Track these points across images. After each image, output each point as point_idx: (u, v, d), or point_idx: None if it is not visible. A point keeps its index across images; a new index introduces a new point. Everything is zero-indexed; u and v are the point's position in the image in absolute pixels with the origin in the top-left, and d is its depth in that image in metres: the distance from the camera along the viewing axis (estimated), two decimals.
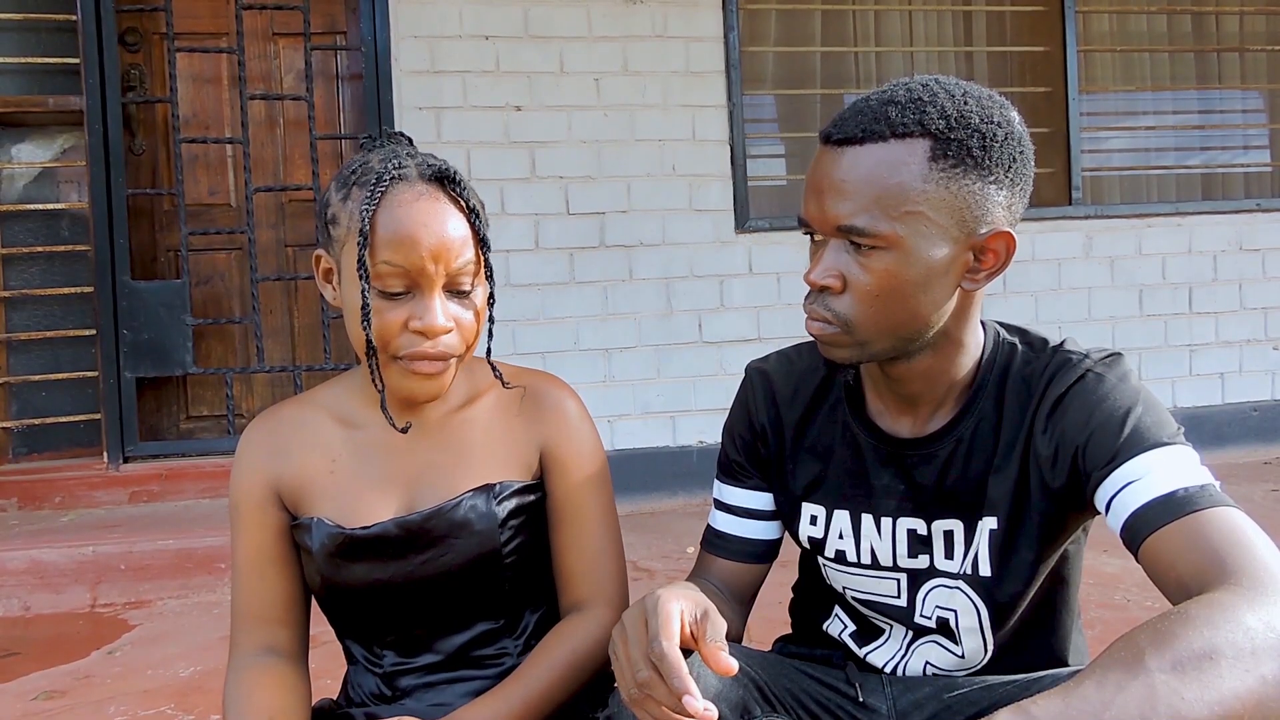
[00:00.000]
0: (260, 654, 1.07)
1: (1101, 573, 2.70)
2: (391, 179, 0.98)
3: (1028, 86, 4.23)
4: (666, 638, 0.80)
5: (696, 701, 0.77)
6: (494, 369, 1.12)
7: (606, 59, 3.76)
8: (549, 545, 1.13)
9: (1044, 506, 0.98)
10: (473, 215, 1.01)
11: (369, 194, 0.96)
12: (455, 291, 1.00)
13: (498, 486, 1.07)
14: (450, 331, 0.99)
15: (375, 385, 1.01)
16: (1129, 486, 0.87)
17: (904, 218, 0.90)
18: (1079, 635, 1.11)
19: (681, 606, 0.83)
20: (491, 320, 1.09)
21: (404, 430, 1.05)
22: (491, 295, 1.08)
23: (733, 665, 0.79)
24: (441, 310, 0.98)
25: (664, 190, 3.81)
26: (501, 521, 1.06)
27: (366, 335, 0.97)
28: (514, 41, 3.68)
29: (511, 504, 1.08)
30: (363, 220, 0.96)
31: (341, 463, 1.09)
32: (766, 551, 1.17)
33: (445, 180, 1.00)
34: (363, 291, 0.96)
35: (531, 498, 1.10)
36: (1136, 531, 0.85)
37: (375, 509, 1.07)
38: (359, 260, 0.96)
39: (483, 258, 1.02)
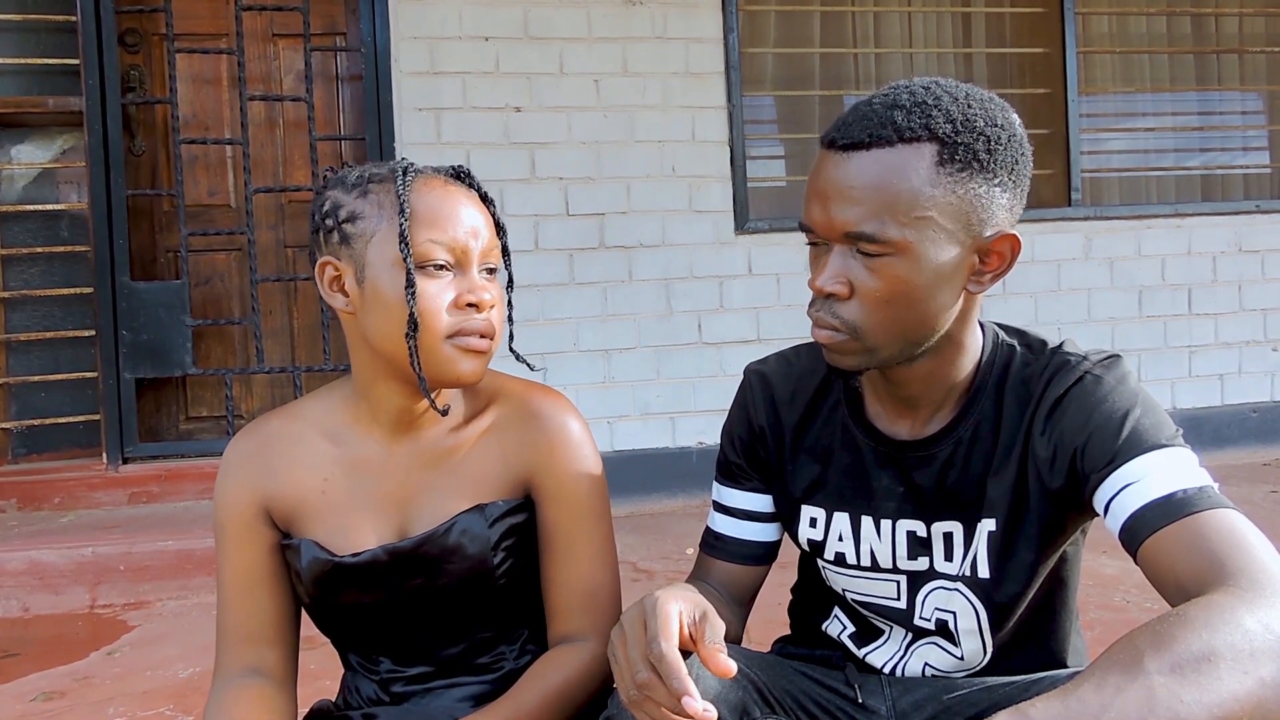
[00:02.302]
0: (245, 675, 1.04)
1: (1101, 574, 2.70)
2: (415, 171, 1.01)
3: (1027, 88, 4.23)
4: (665, 639, 0.80)
5: (696, 702, 0.76)
6: (516, 355, 1.10)
7: (606, 60, 3.76)
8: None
9: (1043, 508, 0.97)
10: (489, 202, 1.05)
11: (401, 179, 0.99)
12: (487, 270, 1.02)
13: (489, 508, 1.05)
14: (495, 306, 1.01)
15: (414, 369, 0.97)
16: (1128, 488, 0.87)
17: (913, 223, 0.89)
18: (1078, 637, 1.11)
19: (680, 607, 0.83)
20: (511, 306, 1.10)
21: (444, 412, 1.02)
22: (510, 279, 1.10)
23: (731, 667, 0.79)
24: (485, 284, 1.01)
25: (664, 191, 3.81)
26: (494, 544, 1.05)
27: (411, 314, 0.96)
28: (514, 42, 3.69)
29: (504, 525, 1.05)
30: (401, 201, 0.97)
31: (334, 482, 1.06)
32: (766, 553, 1.16)
33: (459, 176, 1.05)
34: (408, 269, 0.95)
35: (523, 517, 1.08)
36: (1135, 533, 0.85)
37: (366, 533, 1.05)
38: (401, 238, 0.96)
39: (501, 241, 1.05)
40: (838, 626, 1.13)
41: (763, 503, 1.15)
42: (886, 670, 1.08)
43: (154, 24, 3.62)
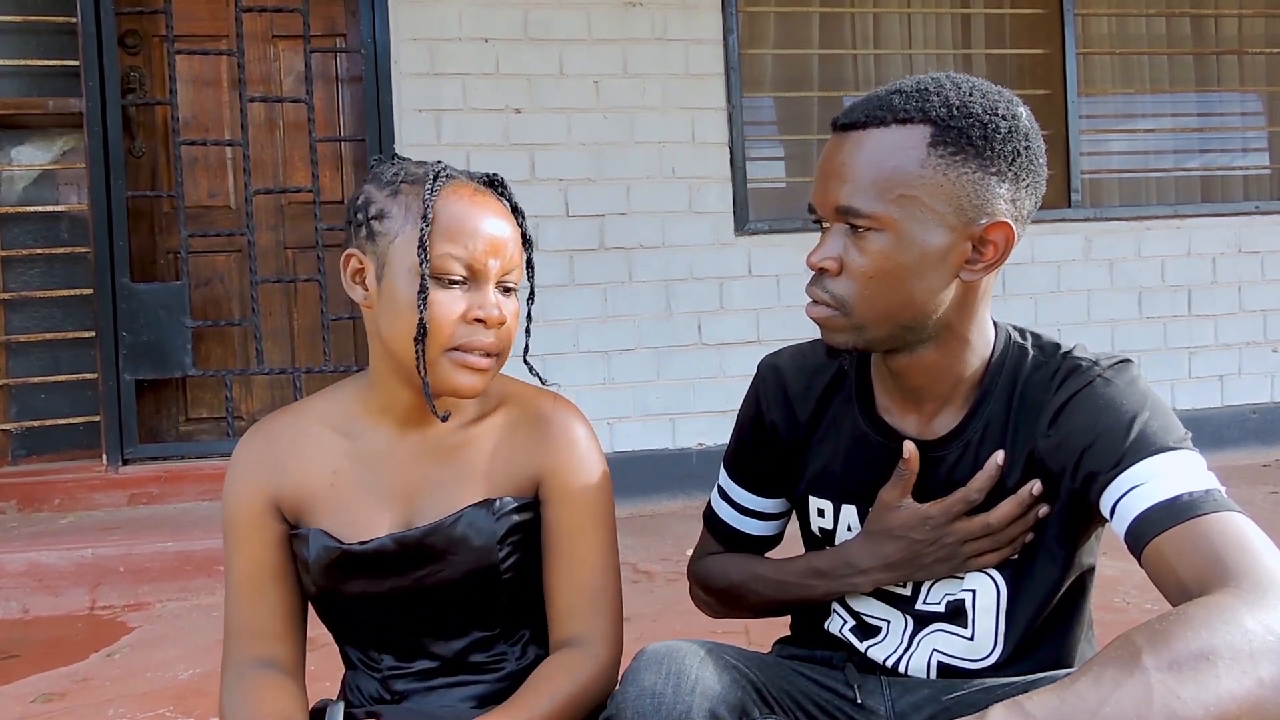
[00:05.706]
0: (257, 665, 1.06)
1: (1101, 575, 2.66)
2: (448, 175, 1.02)
3: (1027, 89, 4.22)
4: None
5: None
6: (530, 368, 1.12)
7: (606, 61, 3.76)
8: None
9: (1052, 511, 0.98)
10: (519, 216, 1.05)
11: (430, 185, 1.00)
12: (504, 288, 1.03)
13: (497, 503, 1.06)
14: (505, 323, 1.01)
15: (419, 373, 0.99)
16: (1134, 490, 0.87)
17: (898, 201, 0.91)
18: (1088, 645, 1.11)
19: None
20: (529, 319, 1.10)
21: (444, 418, 1.03)
22: (532, 293, 1.09)
23: None
24: (498, 302, 1.01)
25: (663, 192, 3.81)
26: (500, 538, 1.05)
27: (421, 320, 0.97)
28: (514, 44, 3.69)
29: (510, 521, 1.06)
30: (425, 208, 0.98)
31: (342, 474, 1.07)
32: (761, 547, 1.20)
33: (493, 184, 1.06)
34: (422, 276, 0.97)
35: (529, 515, 1.08)
36: (1140, 535, 0.85)
37: (374, 523, 1.06)
38: (420, 246, 0.97)
39: (526, 256, 1.06)
40: (838, 622, 1.13)
41: (763, 505, 1.16)
42: (890, 665, 1.08)
43: (154, 25, 3.62)
